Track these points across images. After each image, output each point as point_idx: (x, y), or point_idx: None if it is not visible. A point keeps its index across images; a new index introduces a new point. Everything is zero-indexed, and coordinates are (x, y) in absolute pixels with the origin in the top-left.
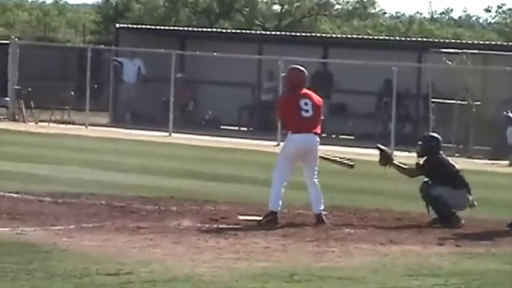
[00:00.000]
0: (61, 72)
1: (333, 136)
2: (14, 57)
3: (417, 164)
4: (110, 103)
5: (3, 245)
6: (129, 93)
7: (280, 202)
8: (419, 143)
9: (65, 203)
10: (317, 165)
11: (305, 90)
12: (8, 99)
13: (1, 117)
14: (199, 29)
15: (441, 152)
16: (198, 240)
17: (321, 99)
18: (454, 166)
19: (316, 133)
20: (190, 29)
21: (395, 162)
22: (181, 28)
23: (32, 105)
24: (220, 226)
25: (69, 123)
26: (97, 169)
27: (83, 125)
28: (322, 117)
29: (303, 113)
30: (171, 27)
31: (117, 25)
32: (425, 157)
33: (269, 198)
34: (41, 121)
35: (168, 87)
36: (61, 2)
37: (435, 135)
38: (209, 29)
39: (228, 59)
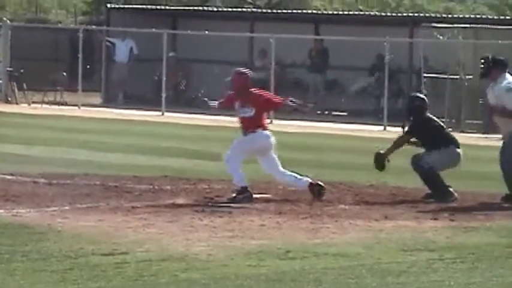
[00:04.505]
0: (53, 53)
1: (326, 112)
2: (6, 38)
3: (405, 131)
4: (102, 84)
5: None
6: (121, 74)
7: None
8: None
9: (59, 184)
10: (275, 157)
11: (249, 94)
12: (0, 81)
13: None
14: (191, 8)
15: (427, 112)
16: (193, 219)
17: (264, 98)
18: (439, 123)
19: (264, 129)
20: (181, 8)
21: (384, 152)
22: (172, 7)
23: (25, 87)
24: (214, 204)
25: (61, 104)
26: (90, 150)
27: (75, 105)
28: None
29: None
30: (162, 7)
31: (108, 5)
32: (412, 117)
33: (233, 177)
34: (33, 102)
35: (160, 66)
36: None
37: (420, 95)
38: (200, 8)
39: (220, 37)
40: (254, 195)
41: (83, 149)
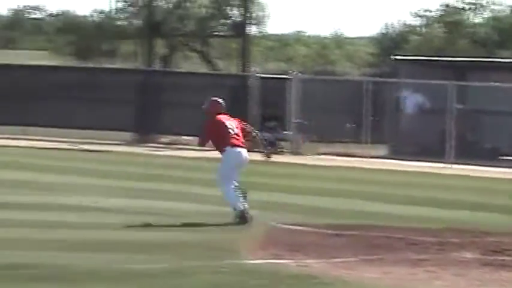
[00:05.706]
0: (341, 104)
1: None
2: (296, 90)
3: None
4: (389, 135)
5: (286, 276)
6: (409, 125)
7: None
8: None
9: (345, 235)
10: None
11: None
12: (288, 132)
13: (282, 150)
14: (478, 59)
15: None
16: (481, 273)
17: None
18: None
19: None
20: (467, 59)
21: None
22: (458, 59)
23: (314, 138)
24: (503, 258)
25: (349, 155)
26: (377, 201)
27: (362, 157)
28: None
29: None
30: (449, 58)
31: (394, 57)
32: None
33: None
34: (321, 154)
35: (447, 118)
36: (339, 35)
37: None
38: (488, 59)
39: (509, 88)
40: None
41: (369, 201)
